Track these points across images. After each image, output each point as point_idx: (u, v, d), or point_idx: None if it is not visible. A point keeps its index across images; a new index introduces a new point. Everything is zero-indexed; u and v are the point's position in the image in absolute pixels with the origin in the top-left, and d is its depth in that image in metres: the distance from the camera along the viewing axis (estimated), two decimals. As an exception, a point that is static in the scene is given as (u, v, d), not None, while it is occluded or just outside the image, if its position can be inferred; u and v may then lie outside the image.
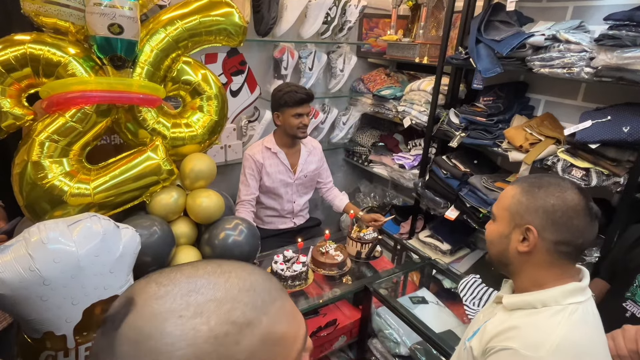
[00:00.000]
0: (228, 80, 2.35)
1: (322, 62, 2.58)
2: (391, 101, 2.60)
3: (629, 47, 1.46)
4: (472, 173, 2.14)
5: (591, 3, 1.83)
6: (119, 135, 1.41)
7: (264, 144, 2.16)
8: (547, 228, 0.86)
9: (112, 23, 1.15)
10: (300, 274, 1.61)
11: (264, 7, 2.15)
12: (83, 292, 0.85)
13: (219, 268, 0.41)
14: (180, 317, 0.35)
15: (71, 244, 0.83)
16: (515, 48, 1.79)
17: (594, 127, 1.60)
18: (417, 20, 2.45)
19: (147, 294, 0.37)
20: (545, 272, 0.89)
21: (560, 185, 0.88)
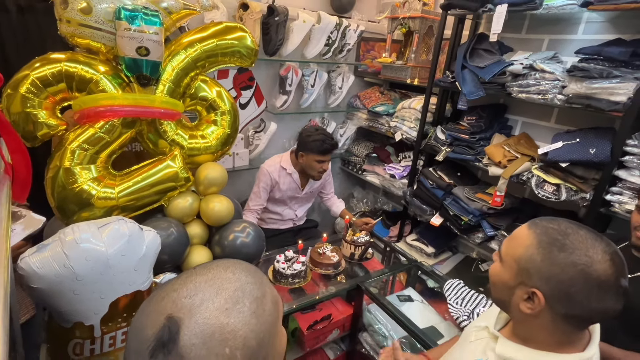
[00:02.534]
0: (237, 94, 2.37)
1: (323, 79, 2.61)
2: (384, 117, 2.62)
3: (596, 79, 1.51)
4: (456, 184, 2.17)
5: (565, 37, 1.88)
6: (141, 144, 1.43)
7: (281, 163, 2.13)
8: (558, 300, 0.66)
9: (139, 46, 1.18)
10: (300, 272, 1.63)
11: (273, 30, 2.18)
12: (110, 287, 0.87)
13: (221, 268, 0.48)
14: (226, 310, 0.42)
15: (101, 244, 0.85)
16: (496, 74, 1.84)
17: (565, 147, 1.64)
18: (409, 45, 2.47)
19: (186, 308, 0.42)
20: (547, 336, 0.71)
21: (588, 252, 0.64)
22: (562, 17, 1.81)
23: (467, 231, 2.08)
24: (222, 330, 0.41)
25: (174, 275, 1.26)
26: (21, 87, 1.15)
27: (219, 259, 0.51)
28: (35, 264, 0.79)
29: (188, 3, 1.41)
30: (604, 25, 1.74)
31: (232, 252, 1.38)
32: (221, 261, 0.50)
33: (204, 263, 0.50)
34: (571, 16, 1.79)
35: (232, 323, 0.42)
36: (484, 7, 1.86)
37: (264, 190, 2.12)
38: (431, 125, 2.32)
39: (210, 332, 0.40)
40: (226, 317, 0.42)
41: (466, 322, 1.55)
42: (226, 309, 0.42)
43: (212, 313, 0.41)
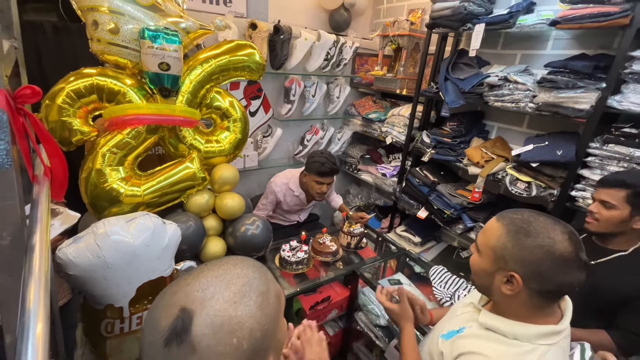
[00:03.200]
0: (247, 103, 2.37)
1: (323, 90, 2.59)
2: (377, 123, 2.61)
3: (562, 89, 1.50)
4: (439, 182, 2.16)
5: (535, 52, 1.86)
6: (163, 148, 1.43)
7: (289, 185, 2.06)
8: (532, 279, 0.68)
9: (161, 62, 1.18)
10: (303, 259, 1.63)
11: (278, 47, 2.17)
12: (137, 274, 0.87)
13: (230, 264, 0.47)
14: (235, 303, 0.42)
15: (129, 236, 0.85)
16: (475, 85, 1.83)
17: (535, 149, 1.63)
18: (398, 60, 2.46)
19: (198, 300, 0.41)
20: (526, 310, 0.72)
21: (548, 233, 0.67)
22: (532, 34, 1.80)
23: (449, 223, 2.07)
24: (231, 322, 0.40)
25: (193, 263, 1.26)
26: (58, 98, 1.15)
27: (229, 256, 0.49)
28: (72, 253, 0.80)
29: (204, 24, 1.41)
30: (570, 42, 1.73)
31: (244, 242, 1.38)
32: (230, 258, 0.49)
33: (215, 260, 0.49)
34: (541, 34, 1.78)
35: (239, 315, 0.41)
36: (464, 27, 1.85)
37: (271, 204, 2.10)
38: (418, 130, 2.31)
39: (219, 323, 0.40)
40: (234, 310, 0.41)
41: (448, 302, 1.55)
42: (234, 302, 0.42)
43: (222, 305, 0.41)
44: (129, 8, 1.19)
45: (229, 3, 2.16)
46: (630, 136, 1.38)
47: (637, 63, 1.31)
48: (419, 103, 2.26)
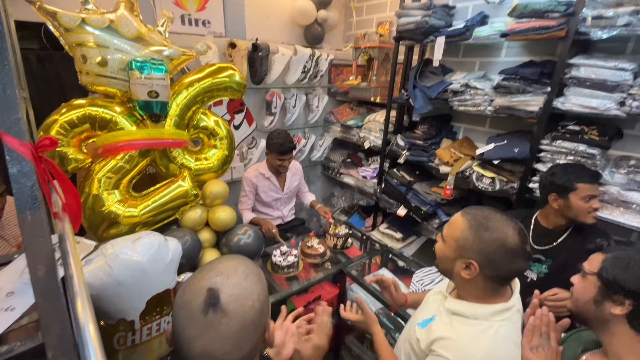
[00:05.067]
0: (231, 117, 2.44)
1: (302, 101, 2.69)
2: (355, 129, 2.72)
3: (515, 94, 1.66)
4: (415, 181, 2.29)
5: (491, 59, 2.03)
6: (155, 168, 1.48)
7: (259, 169, 2.21)
8: (487, 265, 0.79)
9: (150, 90, 1.24)
10: (293, 263, 1.71)
11: (257, 63, 2.25)
12: (147, 289, 0.93)
13: (229, 259, 0.65)
14: (244, 280, 0.59)
15: (136, 254, 0.91)
16: (440, 92, 1.97)
17: (495, 148, 1.79)
18: (371, 69, 2.58)
19: (219, 282, 0.57)
20: (481, 292, 0.83)
21: (501, 228, 0.78)
22: (488, 44, 1.97)
23: (426, 218, 2.20)
24: (245, 291, 0.57)
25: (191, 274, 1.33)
26: (51, 130, 1.20)
27: (226, 255, 0.66)
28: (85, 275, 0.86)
29: (186, 50, 1.48)
30: (520, 50, 1.91)
31: (237, 251, 1.45)
32: (226, 256, 0.66)
33: (217, 258, 0.65)
34: (495, 43, 1.95)
35: (249, 286, 0.59)
36: (427, 39, 2.00)
37: (250, 192, 2.21)
38: (393, 134, 2.43)
39: (238, 292, 0.56)
40: (245, 283, 0.58)
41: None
42: (243, 279, 0.59)
43: (236, 282, 0.58)
44: (115, 41, 1.25)
45: (208, 24, 2.23)
46: (574, 133, 1.56)
47: (575, 69, 1.48)
48: (392, 109, 2.39)
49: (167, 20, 1.42)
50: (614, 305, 0.72)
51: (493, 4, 1.93)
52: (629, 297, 0.70)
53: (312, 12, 2.61)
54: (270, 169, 2.22)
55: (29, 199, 0.43)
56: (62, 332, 0.46)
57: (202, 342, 0.54)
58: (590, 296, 0.77)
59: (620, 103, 1.38)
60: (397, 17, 2.11)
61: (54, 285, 0.46)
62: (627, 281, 0.70)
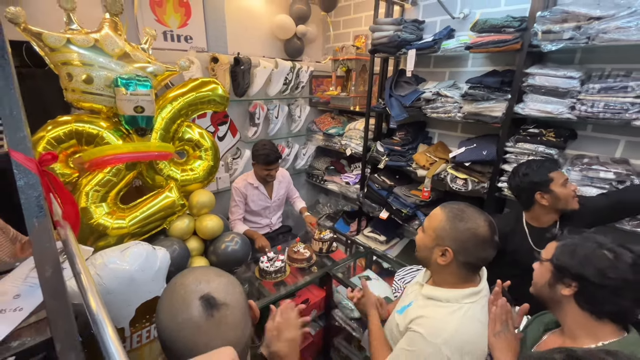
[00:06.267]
0: (215, 129, 2.48)
1: (285, 111, 2.77)
2: (336, 137, 2.82)
3: (480, 101, 1.80)
4: (395, 185, 2.39)
5: (460, 69, 2.18)
6: (141, 181, 1.51)
7: (247, 179, 2.23)
8: (460, 252, 0.88)
9: (136, 106, 1.29)
10: (281, 268, 1.74)
11: (240, 76, 2.32)
12: (135, 297, 0.96)
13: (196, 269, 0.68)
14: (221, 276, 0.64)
15: (125, 264, 0.95)
16: (414, 100, 2.10)
17: (466, 151, 1.92)
18: (350, 80, 2.70)
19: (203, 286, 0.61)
20: (454, 277, 0.92)
21: (475, 220, 0.87)
22: (455, 56, 2.12)
23: (407, 220, 2.29)
24: (229, 284, 0.63)
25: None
26: (39, 146, 1.22)
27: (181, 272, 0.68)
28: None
29: (169, 66, 1.54)
30: (484, 60, 2.06)
31: (225, 258, 1.49)
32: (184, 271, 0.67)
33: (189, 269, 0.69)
34: (461, 55, 2.10)
35: (227, 280, 0.64)
36: (400, 52, 2.13)
37: (240, 202, 2.23)
38: (372, 141, 2.54)
39: (224, 287, 0.62)
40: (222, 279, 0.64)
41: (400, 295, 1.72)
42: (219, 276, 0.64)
43: (217, 280, 0.62)
44: (100, 60, 1.30)
45: (190, 40, 2.29)
46: (534, 135, 1.70)
47: (532, 78, 1.62)
48: (371, 117, 2.50)
49: (150, 38, 1.47)
50: (564, 287, 0.81)
51: (458, 19, 2.08)
52: (575, 280, 0.79)
53: (292, 27, 2.72)
54: (258, 178, 2.25)
55: (36, 207, 0.48)
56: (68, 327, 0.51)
57: (219, 341, 0.56)
58: (545, 280, 0.87)
59: (571, 107, 1.52)
60: (371, 31, 2.24)
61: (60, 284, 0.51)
62: (572, 266, 0.79)
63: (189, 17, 2.24)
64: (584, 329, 0.79)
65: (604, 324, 0.76)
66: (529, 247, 1.44)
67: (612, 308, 0.75)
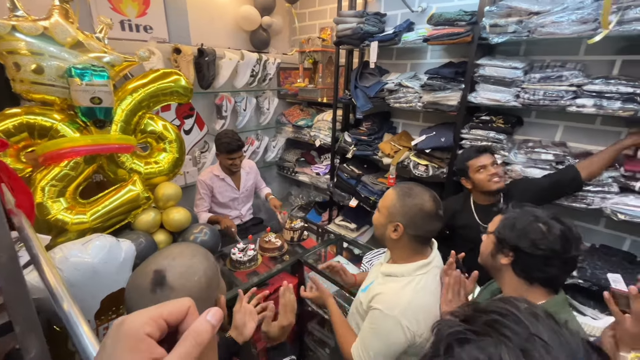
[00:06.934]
0: (181, 122, 2.43)
1: (253, 104, 2.76)
2: (305, 128, 2.85)
3: (437, 91, 1.90)
4: (363, 174, 2.46)
5: (420, 61, 2.28)
6: (102, 175, 1.47)
7: (212, 172, 2.20)
8: (410, 226, 0.95)
9: (93, 96, 1.25)
10: (253, 257, 1.77)
11: (204, 68, 2.28)
12: (99, 288, 0.95)
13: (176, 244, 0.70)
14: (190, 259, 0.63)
15: (87, 256, 0.94)
16: (377, 91, 2.18)
17: (426, 139, 2.03)
18: (317, 72, 2.74)
19: (166, 263, 0.61)
20: (407, 251, 0.99)
21: (421, 196, 0.95)
22: (415, 48, 2.22)
23: (375, 207, 2.35)
24: (191, 268, 0.61)
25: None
26: (-15, 140, 1.16)
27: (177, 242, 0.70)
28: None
29: (128, 56, 1.49)
30: (442, 53, 2.17)
31: (194, 250, 1.49)
32: (178, 242, 0.70)
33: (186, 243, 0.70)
34: (421, 47, 2.20)
35: (195, 264, 0.63)
36: (363, 44, 2.19)
37: (205, 195, 2.20)
38: (340, 132, 2.60)
39: (183, 270, 0.60)
40: (191, 261, 0.63)
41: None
42: (189, 259, 0.63)
43: (182, 261, 0.62)
44: (50, 49, 1.24)
45: (150, 30, 2.21)
46: (485, 122, 1.83)
47: (482, 69, 1.74)
48: (338, 108, 2.55)
49: (105, 27, 1.42)
50: (503, 257, 0.91)
51: (417, 13, 2.17)
52: (512, 250, 0.89)
53: (257, 18, 2.70)
54: (223, 169, 2.24)
55: (-14, 194, 0.48)
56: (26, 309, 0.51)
57: None
58: (489, 250, 0.96)
59: (516, 96, 1.66)
60: (335, 23, 2.28)
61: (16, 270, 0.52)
62: (510, 237, 0.89)
63: (147, 6, 2.17)
64: (518, 294, 0.88)
65: (535, 288, 0.85)
66: (476, 223, 1.57)
67: (542, 275, 0.84)
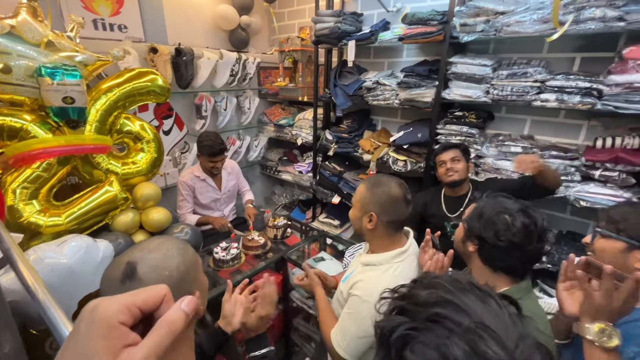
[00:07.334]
0: (160, 123, 2.40)
1: (233, 103, 2.74)
2: (287, 127, 2.87)
3: (412, 88, 1.97)
4: (345, 171, 2.50)
5: (396, 59, 2.34)
6: (78, 176, 1.44)
7: (193, 172, 2.17)
8: (382, 213, 0.98)
9: (65, 96, 1.22)
10: (236, 255, 1.77)
11: (182, 67, 2.26)
12: (77, 289, 0.94)
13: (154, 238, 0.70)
14: (163, 253, 0.62)
15: (62, 257, 0.92)
16: (356, 89, 2.22)
17: (404, 135, 2.09)
18: (297, 71, 2.75)
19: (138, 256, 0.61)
20: (384, 240, 1.02)
21: (388, 183, 1.00)
22: (392, 47, 2.28)
23: None
24: (163, 263, 0.61)
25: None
26: (-51, 142, 1.12)
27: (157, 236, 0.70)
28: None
29: (101, 55, 1.47)
30: (417, 51, 2.24)
31: (175, 250, 1.48)
32: (157, 236, 0.70)
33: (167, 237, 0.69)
34: (397, 46, 2.26)
35: (167, 259, 0.63)
36: (341, 43, 2.23)
37: (188, 195, 2.17)
38: (322, 130, 2.63)
39: (155, 264, 0.61)
40: (164, 256, 0.63)
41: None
42: (163, 253, 0.63)
43: (155, 255, 0.62)
44: (18, 48, 1.21)
45: (125, 29, 2.17)
46: (459, 117, 1.90)
47: (454, 66, 1.81)
48: (319, 107, 2.59)
49: (77, 26, 1.39)
50: (470, 245, 0.96)
51: (392, 12, 2.23)
52: (477, 239, 0.94)
53: (235, 18, 2.69)
54: (204, 170, 2.22)
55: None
56: None
57: None
58: (460, 237, 1.01)
59: (486, 92, 1.74)
60: (314, 23, 2.31)
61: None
62: (477, 227, 0.93)
63: (121, 5, 2.13)
64: (484, 279, 0.93)
65: (499, 275, 0.91)
66: (443, 212, 1.68)
67: (503, 264, 0.89)
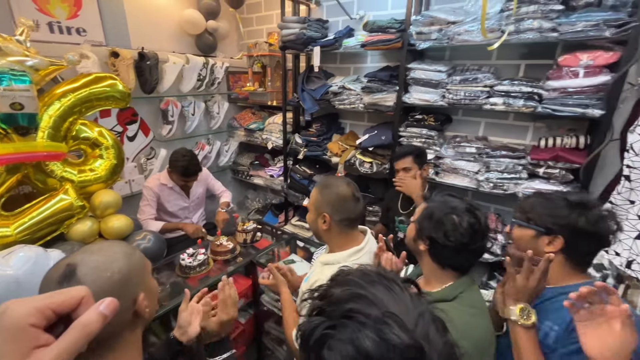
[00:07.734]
0: (124, 129, 2.34)
1: (201, 108, 2.71)
2: (257, 132, 2.87)
3: (375, 93, 2.04)
4: (315, 174, 2.55)
5: (361, 65, 2.42)
6: (30, 185, 1.38)
7: (160, 180, 2.11)
8: (333, 213, 1.01)
9: (13, 102, 1.18)
10: (204, 261, 1.75)
11: (146, 72, 2.22)
12: None
13: (108, 242, 0.70)
14: (106, 256, 0.62)
15: (8, 269, 0.89)
16: (323, 94, 2.28)
17: (369, 138, 2.16)
18: (266, 76, 2.78)
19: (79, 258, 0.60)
20: (340, 239, 1.05)
21: (336, 184, 1.04)
22: (356, 53, 2.35)
23: None
24: (104, 264, 0.61)
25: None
26: None
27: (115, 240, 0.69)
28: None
29: (54, 60, 1.43)
30: (380, 57, 2.33)
31: (137, 257, 1.45)
32: (106, 240, 0.68)
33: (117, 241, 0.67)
34: (361, 52, 2.33)
35: (109, 262, 0.62)
36: (307, 48, 2.28)
37: (152, 201, 2.09)
38: (291, 134, 2.66)
39: (96, 265, 0.60)
40: (105, 258, 0.62)
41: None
42: (107, 256, 0.63)
43: (97, 258, 0.61)
44: (-40, 51, 1.16)
45: (84, 32, 2.11)
46: (418, 120, 2.00)
47: (413, 72, 1.90)
48: (288, 111, 2.62)
49: (27, 29, 1.35)
50: (421, 243, 1.01)
51: (355, 20, 2.31)
52: (427, 239, 0.98)
53: (201, 22, 2.67)
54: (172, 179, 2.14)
55: None
56: None
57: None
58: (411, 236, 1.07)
59: (442, 96, 1.84)
60: (280, 29, 2.34)
61: None
62: (427, 228, 0.97)
63: (79, 7, 2.07)
64: (434, 276, 0.99)
65: (447, 272, 0.96)
66: (397, 208, 1.80)
67: (452, 262, 0.94)
